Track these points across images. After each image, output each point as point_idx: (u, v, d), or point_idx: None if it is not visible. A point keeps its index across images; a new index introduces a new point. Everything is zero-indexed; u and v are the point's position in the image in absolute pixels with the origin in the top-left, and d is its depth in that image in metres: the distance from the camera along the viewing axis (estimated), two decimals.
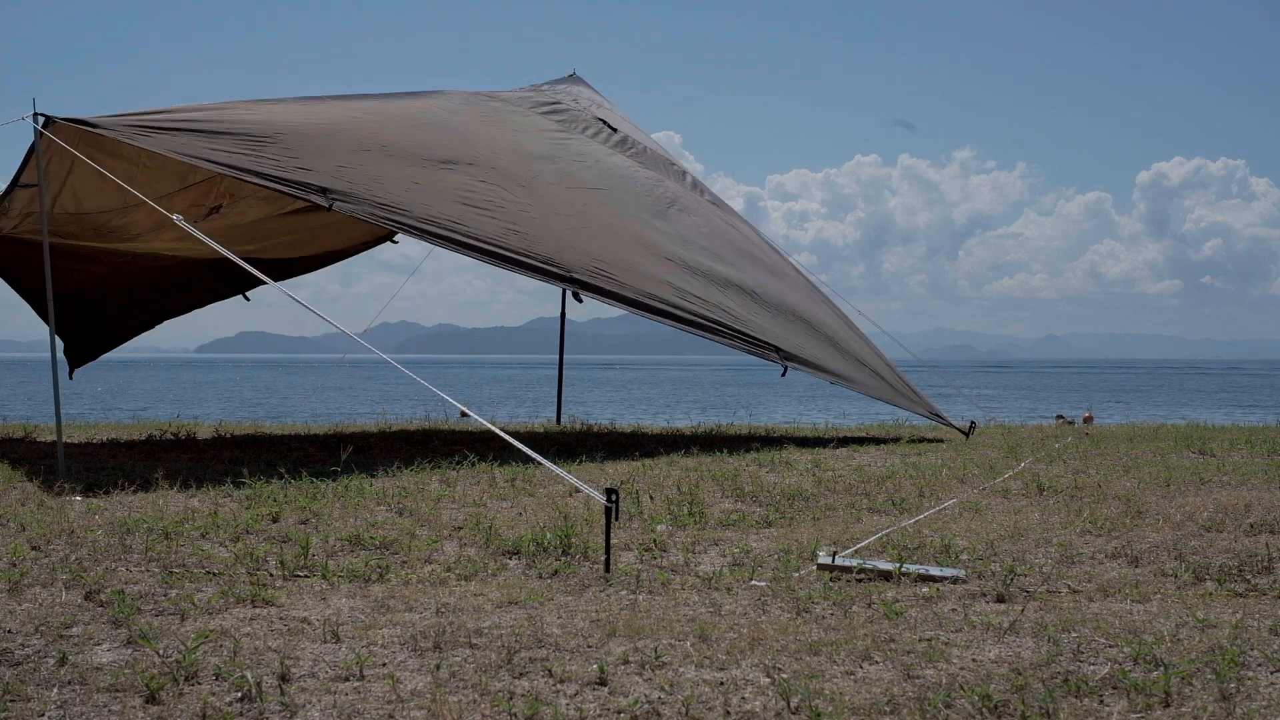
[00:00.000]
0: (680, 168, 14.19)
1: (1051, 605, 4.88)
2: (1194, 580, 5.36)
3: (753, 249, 13.52)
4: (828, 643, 4.28)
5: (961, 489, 8.14)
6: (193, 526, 6.55)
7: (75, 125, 9.07)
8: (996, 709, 3.57)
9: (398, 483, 8.33)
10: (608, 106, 14.71)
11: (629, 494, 7.61)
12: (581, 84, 15.37)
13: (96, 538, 6.24)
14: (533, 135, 12.53)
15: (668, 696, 3.73)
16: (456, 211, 10.33)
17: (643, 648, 4.23)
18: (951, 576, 5.37)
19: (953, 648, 4.24)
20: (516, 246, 10.34)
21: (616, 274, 10.80)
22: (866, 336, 13.43)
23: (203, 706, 3.61)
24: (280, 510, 7.06)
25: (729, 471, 8.96)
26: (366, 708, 3.65)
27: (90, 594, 5.06)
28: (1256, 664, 4.01)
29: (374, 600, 5.00)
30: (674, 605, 4.92)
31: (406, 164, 10.73)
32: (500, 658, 4.10)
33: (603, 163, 12.75)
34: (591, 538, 6.17)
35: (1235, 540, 6.13)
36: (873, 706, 3.62)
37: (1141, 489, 7.89)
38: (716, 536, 6.53)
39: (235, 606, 4.90)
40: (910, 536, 6.36)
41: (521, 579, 5.48)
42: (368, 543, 6.21)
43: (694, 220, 12.91)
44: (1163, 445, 11.04)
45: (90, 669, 3.99)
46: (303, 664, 4.06)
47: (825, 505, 7.58)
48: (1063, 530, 6.52)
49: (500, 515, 7.06)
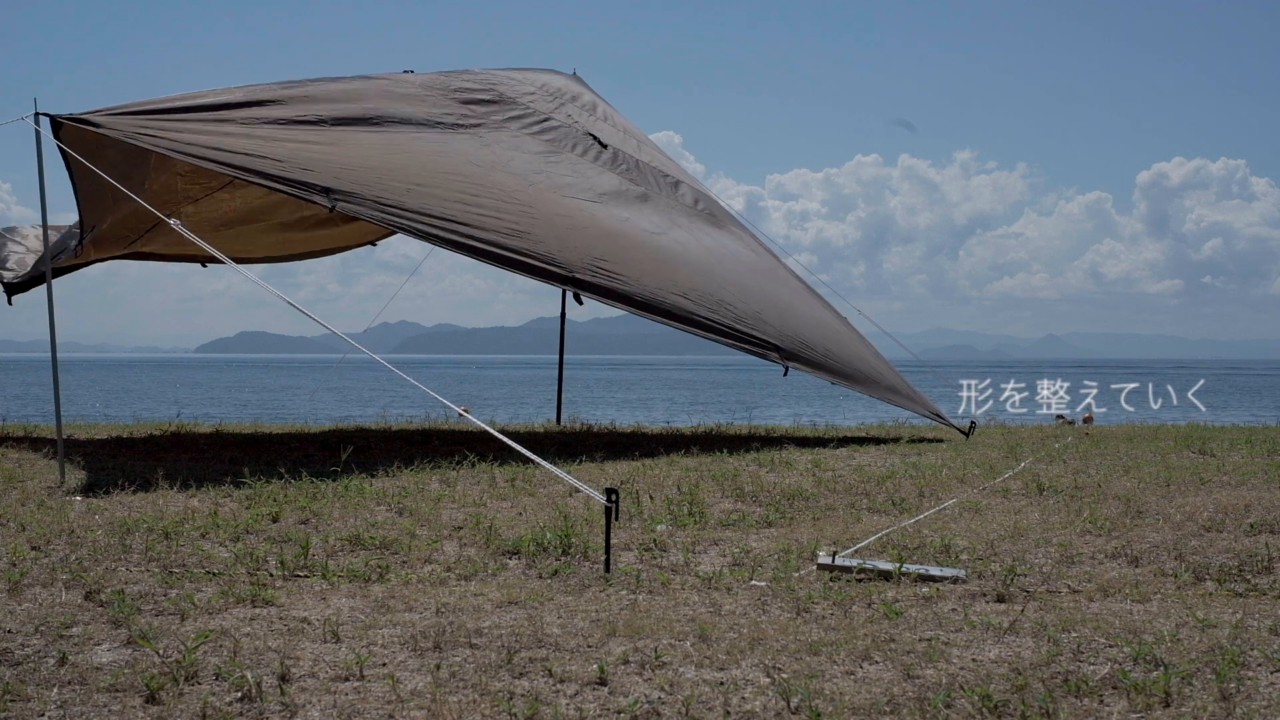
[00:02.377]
0: (674, 178, 14.09)
1: (1051, 605, 4.88)
2: (1194, 580, 5.36)
3: (752, 252, 13.52)
4: (828, 643, 4.28)
5: (961, 489, 8.14)
6: (193, 526, 6.55)
7: (78, 125, 9.07)
8: (996, 709, 3.57)
9: (398, 483, 8.33)
10: (605, 110, 14.63)
11: (629, 494, 7.61)
12: (581, 84, 15.34)
13: (96, 538, 6.24)
14: (521, 158, 12.44)
15: (668, 696, 3.73)
16: (458, 212, 10.34)
17: (643, 648, 4.23)
18: (951, 576, 5.37)
19: (953, 648, 4.24)
20: (517, 247, 10.34)
21: (618, 273, 10.80)
22: (865, 337, 13.43)
23: (203, 706, 3.61)
24: (280, 510, 7.06)
25: (729, 471, 8.96)
26: (366, 708, 3.65)
27: (90, 594, 5.06)
28: (1256, 664, 4.01)
29: (374, 600, 5.00)
30: (674, 605, 4.92)
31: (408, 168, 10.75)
32: (500, 658, 4.10)
33: (591, 180, 12.69)
34: (591, 538, 6.17)
35: (1235, 540, 6.13)
36: (873, 706, 3.62)
37: (1141, 489, 7.89)
38: (716, 536, 6.53)
39: (235, 606, 4.90)
40: (910, 536, 6.36)
41: (521, 579, 5.48)
42: (368, 543, 6.21)
43: (691, 229, 12.90)
44: (1163, 445, 11.04)
45: (90, 669, 3.99)
46: (303, 664, 4.06)
47: (825, 505, 7.58)
48: (1063, 530, 6.52)
49: (500, 515, 7.06)
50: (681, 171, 14.62)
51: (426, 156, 11.27)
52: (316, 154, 10.23)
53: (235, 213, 13.37)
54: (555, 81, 14.72)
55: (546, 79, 14.60)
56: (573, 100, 14.29)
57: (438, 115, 12.29)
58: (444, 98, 12.63)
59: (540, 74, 14.75)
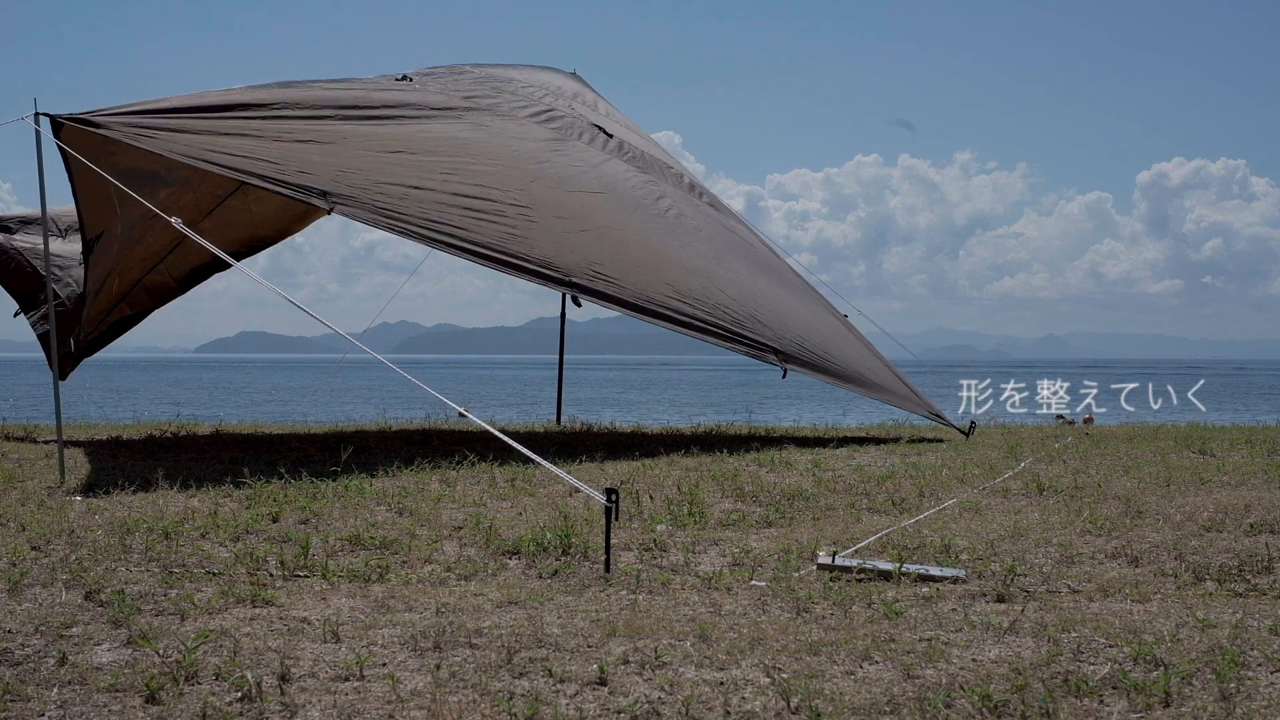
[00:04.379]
0: (678, 170, 14.16)
1: (1051, 605, 4.88)
2: (1194, 580, 5.36)
3: (751, 251, 13.52)
4: (828, 643, 4.28)
5: (961, 489, 8.14)
6: (193, 526, 6.55)
7: (79, 125, 9.06)
8: (996, 709, 3.57)
9: (398, 483, 8.33)
10: (605, 108, 14.66)
11: (629, 494, 7.61)
12: (581, 84, 15.34)
13: (96, 538, 6.24)
14: (528, 144, 12.49)
15: (668, 696, 3.73)
16: (456, 216, 10.34)
17: (643, 648, 4.23)
18: (951, 576, 5.37)
19: (953, 648, 4.24)
20: (515, 250, 10.34)
21: (615, 277, 10.80)
22: (865, 337, 13.42)
23: (203, 706, 3.61)
24: (280, 510, 7.06)
25: (729, 471, 8.96)
26: (366, 708, 3.65)
27: (90, 594, 5.06)
28: (1256, 664, 4.01)
29: (374, 600, 5.00)
30: (674, 605, 4.92)
31: (407, 168, 10.74)
32: (500, 658, 4.10)
33: (599, 169, 12.73)
34: (591, 538, 6.17)
35: (1235, 540, 6.13)
36: (873, 706, 3.62)
37: (1141, 489, 7.89)
38: (716, 536, 6.53)
39: (235, 606, 4.90)
40: (910, 536, 6.36)
41: (521, 579, 5.48)
42: (368, 543, 6.21)
43: (692, 223, 12.91)
44: (1163, 445, 11.04)
45: (90, 669, 3.99)
46: (303, 664, 4.06)
47: (825, 505, 7.58)
48: (1063, 530, 6.52)
49: (500, 515, 7.06)
50: (683, 168, 14.65)
51: (427, 154, 11.25)
52: (315, 155, 10.23)
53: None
54: (556, 80, 14.76)
55: (548, 78, 14.64)
56: (574, 97, 14.34)
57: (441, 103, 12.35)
58: (448, 90, 12.68)
59: (542, 72, 14.78)
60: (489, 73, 13.89)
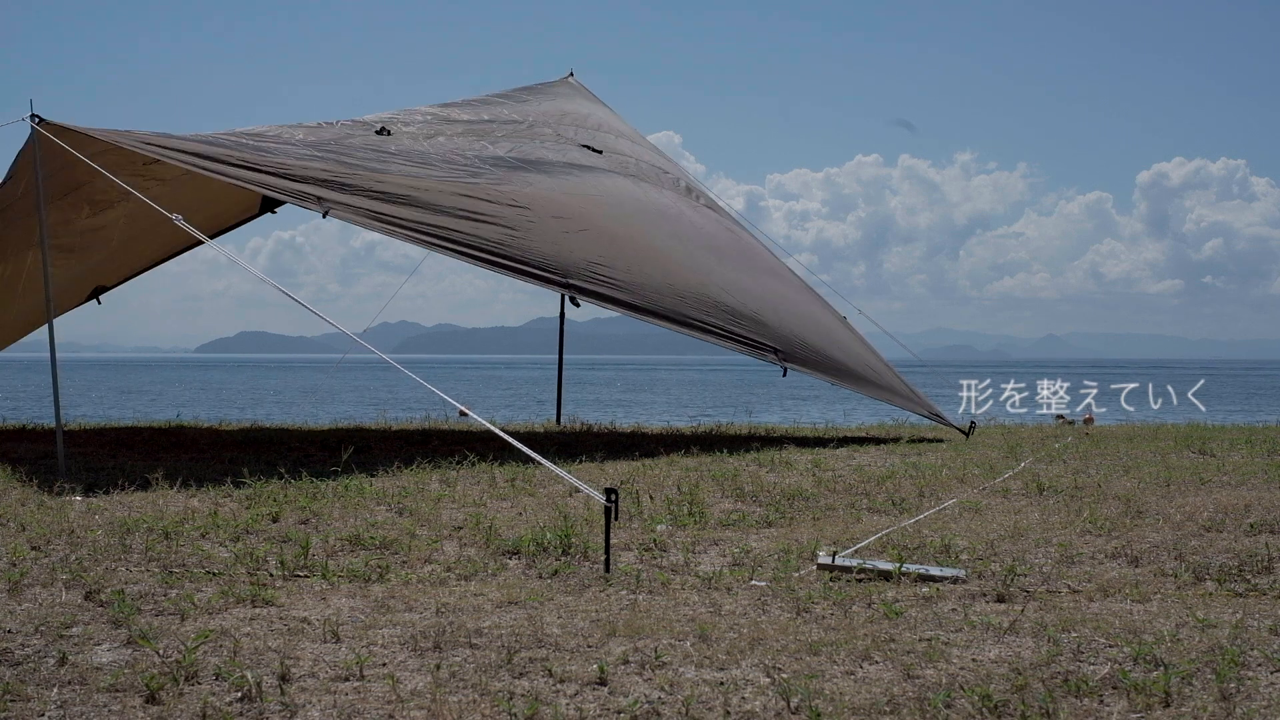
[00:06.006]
0: (674, 175, 14.09)
1: (1051, 605, 4.88)
2: (1194, 580, 5.36)
3: (749, 251, 13.52)
4: (828, 643, 4.28)
5: (961, 489, 8.14)
6: (193, 526, 6.55)
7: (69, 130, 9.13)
8: (996, 709, 3.57)
9: (398, 483, 8.33)
10: (599, 119, 14.55)
11: (629, 494, 7.61)
12: (576, 86, 15.28)
13: (96, 538, 6.24)
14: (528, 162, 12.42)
15: (668, 696, 3.73)
16: (453, 219, 10.33)
17: (643, 648, 4.23)
18: (951, 576, 5.37)
19: (953, 648, 4.24)
20: (514, 252, 10.33)
21: (614, 277, 10.80)
22: (864, 337, 13.42)
23: (203, 706, 3.61)
24: (280, 510, 7.07)
25: (729, 471, 8.96)
26: (366, 708, 3.65)
27: (90, 594, 5.06)
28: (1256, 664, 4.01)
29: (374, 600, 5.00)
30: (674, 605, 4.92)
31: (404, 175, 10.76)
32: (500, 658, 4.10)
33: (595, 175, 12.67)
34: (591, 538, 6.17)
35: (1235, 540, 6.13)
36: (873, 706, 3.62)
37: (1141, 489, 7.89)
38: (716, 536, 6.53)
39: (235, 606, 4.90)
40: (910, 536, 6.36)
41: (521, 579, 5.48)
42: (368, 543, 6.21)
43: (690, 223, 12.90)
44: (1163, 445, 11.04)
45: (90, 669, 3.99)
46: (303, 664, 4.06)
47: (825, 505, 7.58)
48: (1063, 530, 6.52)
49: (500, 515, 7.07)
50: (682, 172, 14.63)
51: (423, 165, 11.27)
52: (310, 162, 10.24)
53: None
54: (543, 104, 14.29)
55: (546, 107, 14.21)
56: (561, 119, 13.97)
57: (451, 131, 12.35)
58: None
59: (540, 99, 14.41)
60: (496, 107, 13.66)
